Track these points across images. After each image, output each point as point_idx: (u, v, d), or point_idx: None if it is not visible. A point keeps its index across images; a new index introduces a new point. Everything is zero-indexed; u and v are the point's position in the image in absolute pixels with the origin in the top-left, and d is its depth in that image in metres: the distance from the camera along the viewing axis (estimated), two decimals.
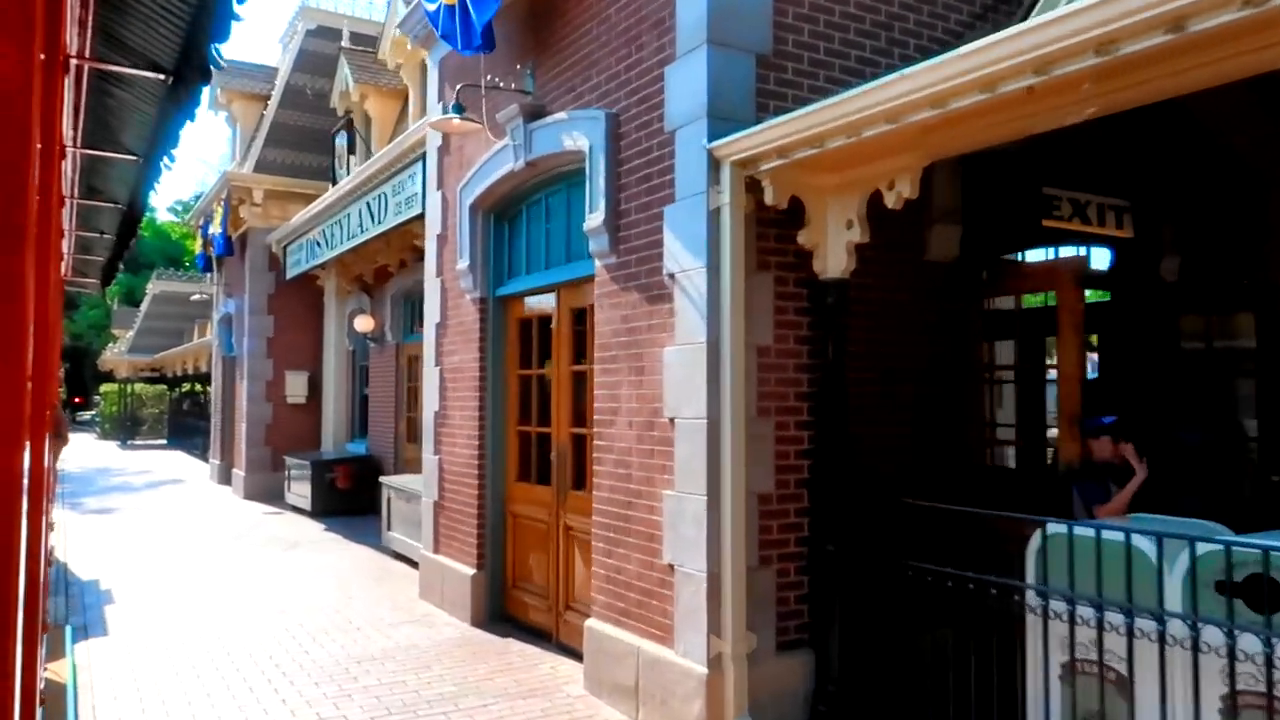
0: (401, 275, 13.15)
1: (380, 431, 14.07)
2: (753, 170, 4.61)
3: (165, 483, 18.93)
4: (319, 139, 16.89)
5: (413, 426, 13.17)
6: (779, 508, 4.79)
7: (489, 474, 7.18)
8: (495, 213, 7.26)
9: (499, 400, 7.22)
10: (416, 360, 13.05)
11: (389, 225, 10.48)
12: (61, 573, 9.47)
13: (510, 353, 7.21)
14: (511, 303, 7.18)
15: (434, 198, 8.13)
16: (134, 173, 5.15)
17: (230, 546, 10.92)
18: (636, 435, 5.20)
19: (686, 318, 4.80)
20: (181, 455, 27.16)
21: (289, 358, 16.35)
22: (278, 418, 16.25)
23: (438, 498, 7.86)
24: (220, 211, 15.94)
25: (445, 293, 7.87)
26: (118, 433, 34.46)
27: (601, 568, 5.52)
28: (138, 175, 5.20)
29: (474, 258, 7.24)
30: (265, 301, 16.24)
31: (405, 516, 9.85)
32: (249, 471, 15.95)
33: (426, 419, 8.14)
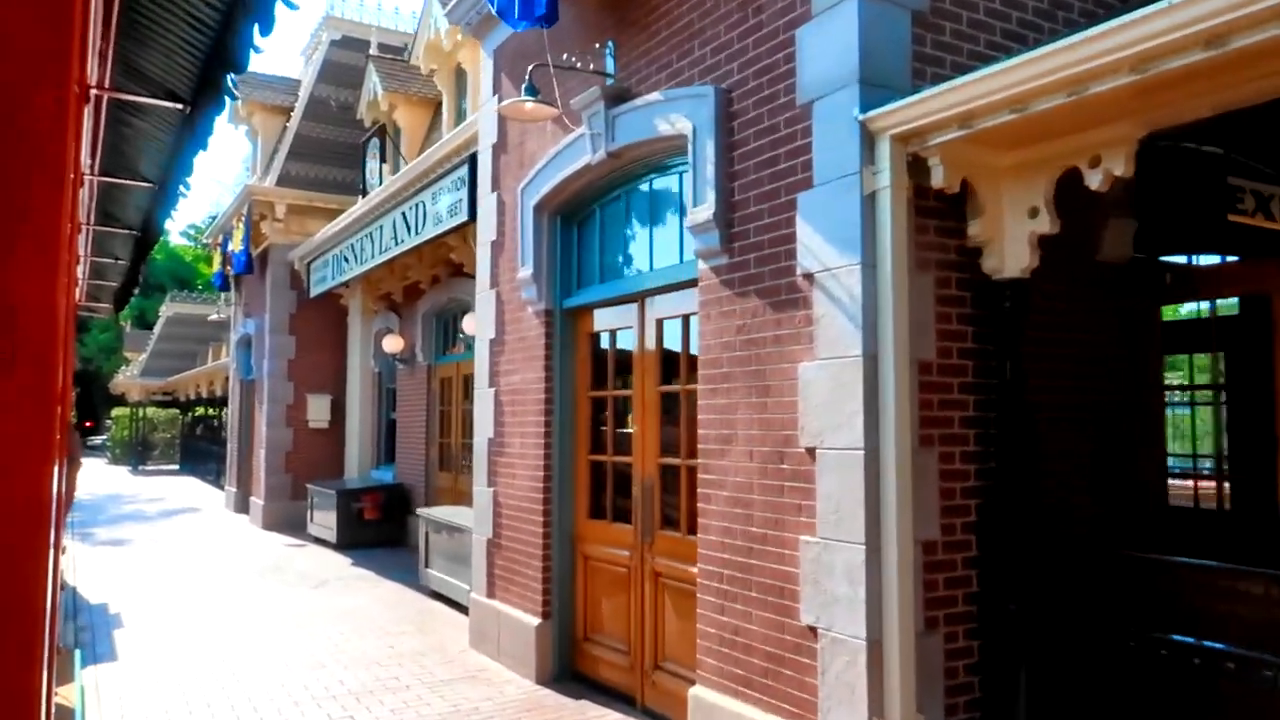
0: (434, 292, 12.37)
1: (409, 458, 13.22)
2: (917, 146, 3.78)
3: (180, 511, 18.10)
4: (344, 152, 16.20)
5: (445, 453, 12.34)
6: (944, 558, 3.92)
7: (555, 510, 6.33)
8: (563, 214, 6.45)
9: (567, 426, 6.38)
10: (449, 383, 12.24)
11: (428, 236, 9.69)
12: (71, 597, 9.15)
13: (580, 371, 6.37)
14: (581, 315, 6.36)
15: (487, 201, 7.34)
16: (149, 199, 5.09)
17: (254, 585, 10.05)
18: (759, 468, 4.35)
19: (832, 326, 3.96)
20: (194, 481, 26.35)
21: (310, 380, 15.56)
22: (298, 443, 15.43)
23: (492, 535, 7.00)
24: (240, 228, 15.22)
25: (502, 305, 7.05)
26: (129, 458, 33.69)
27: (711, 625, 4.65)
28: (152, 202, 5.13)
29: (538, 265, 6.43)
30: (286, 321, 15.47)
31: (446, 552, 8.98)
32: (268, 500, 15.11)
33: (478, 446, 7.30)
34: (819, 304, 4.03)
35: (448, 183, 9.21)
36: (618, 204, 5.99)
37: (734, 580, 4.49)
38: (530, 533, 6.44)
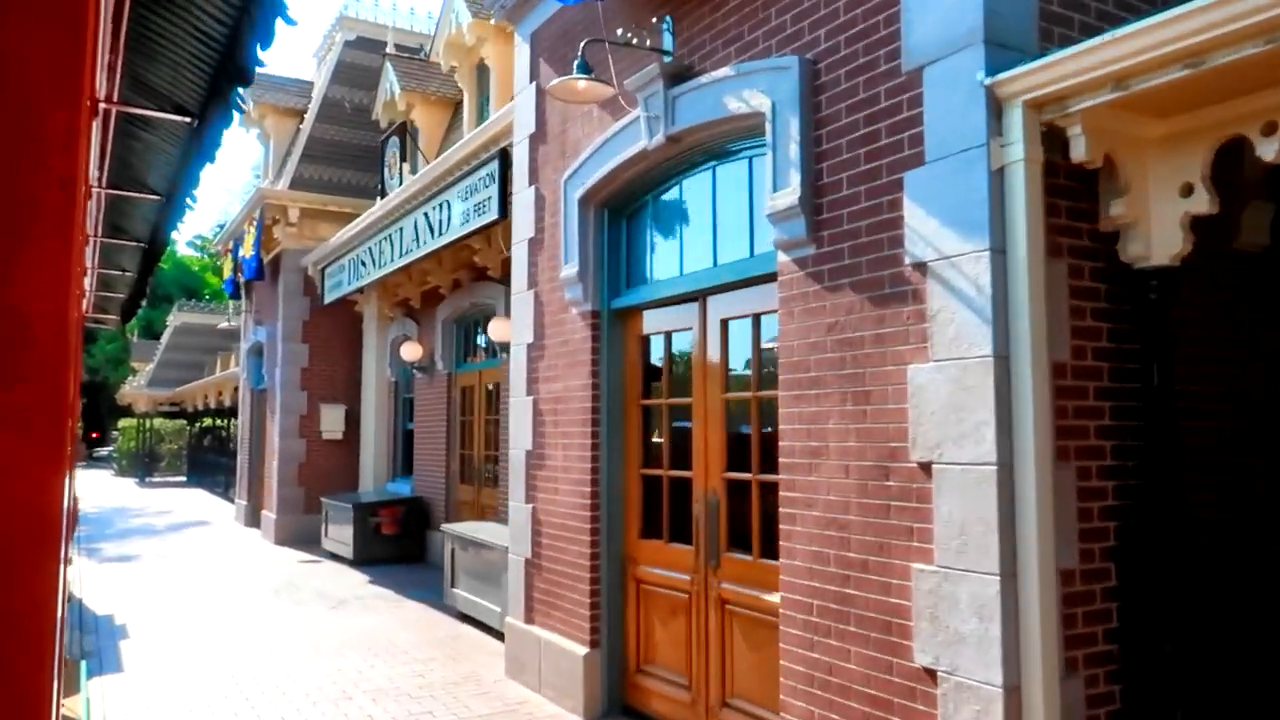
0: (455, 297, 11.88)
1: (428, 470, 12.71)
2: (1054, 114, 3.28)
3: (189, 525, 17.60)
4: (358, 155, 15.76)
5: (466, 465, 11.83)
6: (1082, 589, 3.39)
7: (604, 528, 5.81)
8: (611, 207, 5.96)
9: (616, 437, 5.86)
10: (471, 392, 11.74)
11: (454, 237, 9.21)
12: (78, 611, 8.94)
13: (630, 378, 5.87)
14: (631, 317, 5.85)
15: (524, 196, 6.85)
16: (156, 211, 5.09)
17: (268, 605, 9.54)
18: (857, 485, 3.83)
19: (951, 323, 3.45)
20: (202, 494, 25.86)
21: (324, 390, 15.08)
22: (311, 455, 14.94)
23: (531, 555, 6.48)
24: (252, 232, 14.76)
25: (541, 307, 6.55)
26: (135, 469, 33.23)
27: (797, 662, 4.12)
28: (159, 214, 5.15)
29: (584, 263, 5.93)
30: (299, 329, 14.99)
31: (474, 571, 8.45)
32: (280, 514, 14.60)
33: (514, 459, 6.79)
34: (934, 297, 3.52)
35: (475, 180, 8.72)
36: (673, 194, 5.49)
37: (826, 612, 3.97)
38: (576, 553, 5.92)
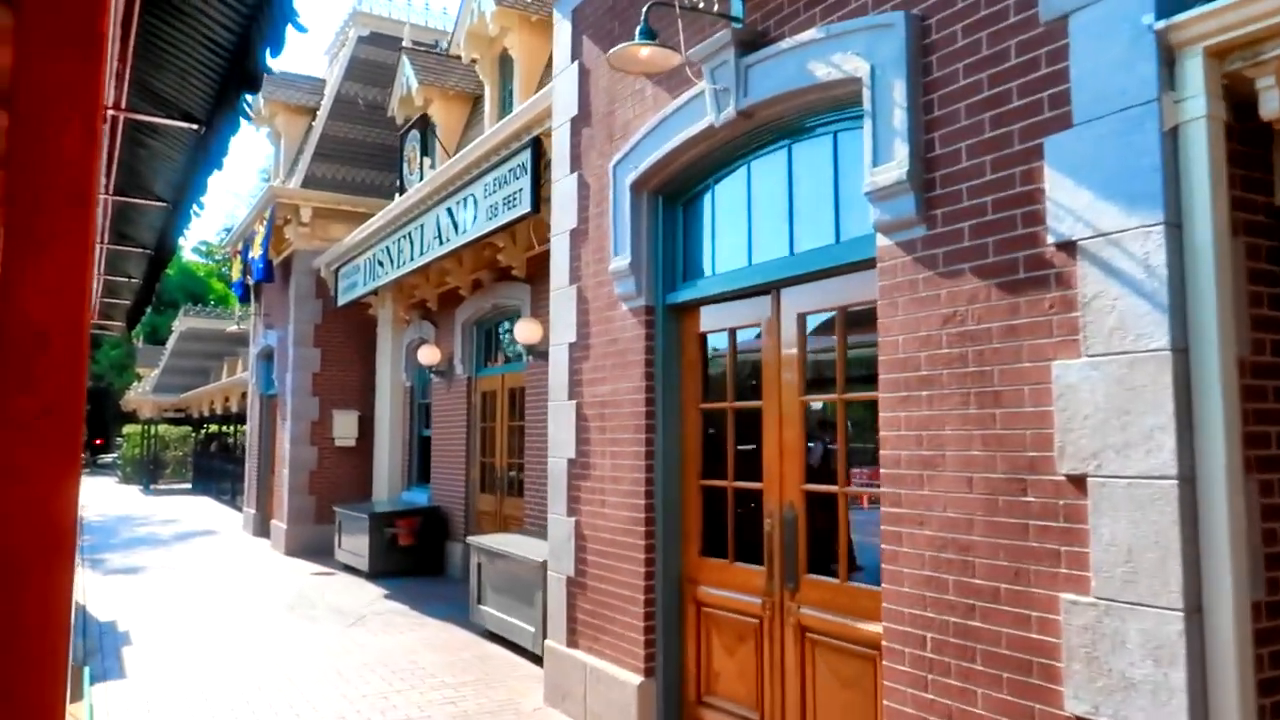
0: (475, 298, 11.38)
1: (446, 479, 12.20)
2: (1243, 62, 2.77)
3: (196, 534, 17.09)
4: (373, 153, 15.30)
5: (487, 474, 11.32)
6: (1268, 625, 2.87)
7: (660, 545, 5.29)
8: (667, 193, 5.46)
9: (673, 444, 5.35)
10: (492, 397, 11.23)
11: (481, 232, 8.71)
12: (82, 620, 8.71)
13: (688, 380, 5.35)
14: (689, 313, 5.35)
15: (565, 184, 6.35)
16: (162, 218, 5.05)
17: (282, 621, 9.02)
18: (984, 500, 3.31)
19: (1113, 310, 2.93)
20: (208, 502, 25.36)
21: (336, 395, 14.58)
22: (323, 463, 14.43)
23: (574, 573, 5.96)
24: (262, 232, 14.28)
25: (585, 304, 6.05)
26: (140, 476, 32.76)
27: (906, 702, 3.59)
28: (166, 220, 5.09)
29: (637, 254, 5.42)
30: (311, 332, 14.50)
31: (503, 587, 7.93)
32: (291, 524, 14.09)
33: (554, 469, 6.28)
34: (1087, 281, 3.01)
35: (503, 172, 8.23)
36: (741, 177, 4.99)
37: (944, 647, 3.44)
38: (628, 572, 5.40)
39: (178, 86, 3.37)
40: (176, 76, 3.28)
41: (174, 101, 3.49)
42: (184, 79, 3.27)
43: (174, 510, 22.54)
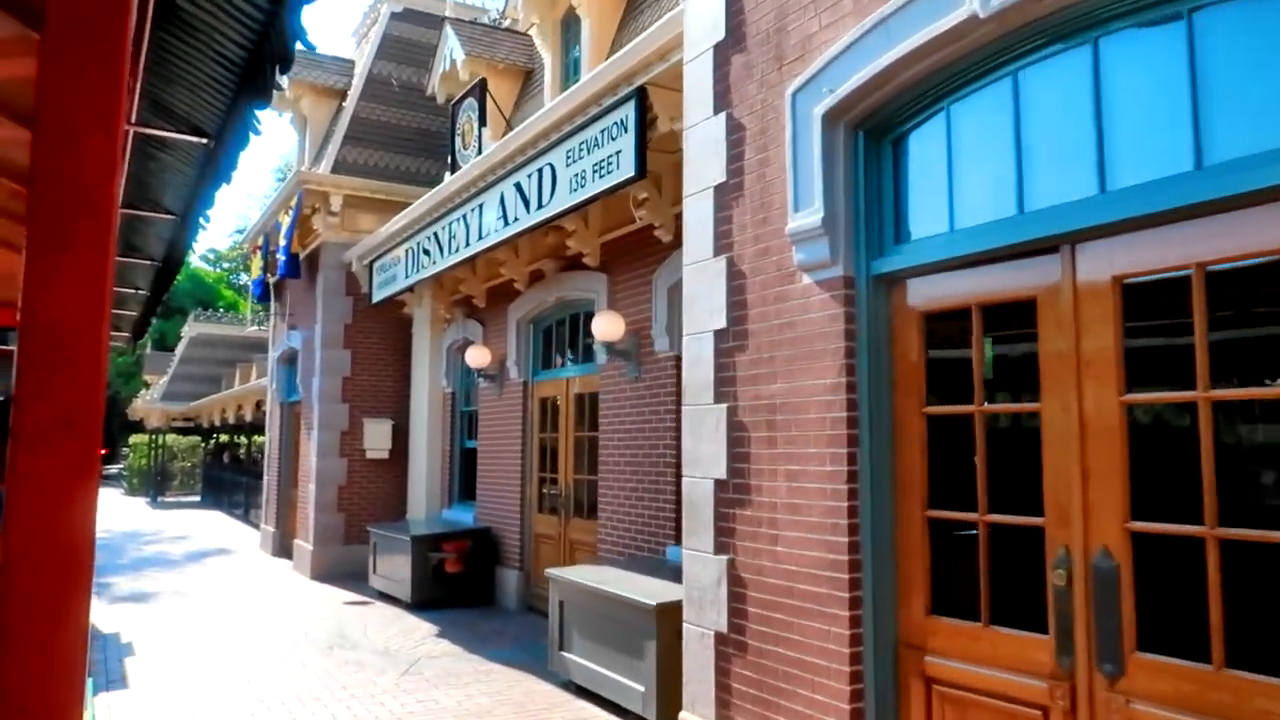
0: (535, 292, 10.04)
1: (496, 497, 10.83)
2: None
3: (209, 553, 15.71)
4: (408, 138, 14.00)
5: (548, 491, 9.94)
6: None
7: (869, 597, 3.91)
8: (871, 126, 4.11)
9: (883, 461, 3.98)
10: (553, 404, 9.88)
11: (565, 207, 7.35)
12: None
13: (906, 375, 3.98)
14: (902, 285, 3.99)
15: (704, 130, 4.99)
16: (170, 230, 5.08)
17: (323, 669, 7.64)
18: None
19: None
20: (219, 516, 24.00)
21: (368, 402, 13.23)
22: (353, 477, 13.07)
23: (725, 628, 4.58)
24: (288, 223, 12.96)
25: (739, 279, 4.68)
26: (147, 488, 31.42)
27: None
28: (174, 233, 5.15)
29: (832, 207, 4.07)
30: (340, 333, 13.16)
31: (596, 632, 6.54)
32: (318, 544, 12.71)
33: (692, 492, 4.90)
34: None
35: (593, 134, 6.89)
36: (1002, 91, 3.63)
37: None
38: (817, 632, 4.02)
39: (188, 101, 3.36)
40: (187, 91, 3.26)
41: (184, 116, 3.49)
42: (194, 93, 3.26)
43: (184, 525, 21.17)
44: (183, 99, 3.32)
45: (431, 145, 14.10)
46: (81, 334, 1.36)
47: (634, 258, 8.30)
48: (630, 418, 8.17)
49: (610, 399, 8.48)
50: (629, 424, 8.18)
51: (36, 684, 1.31)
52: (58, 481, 1.35)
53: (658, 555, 7.65)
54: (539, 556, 10.02)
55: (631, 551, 8.03)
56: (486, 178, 8.82)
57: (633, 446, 8.11)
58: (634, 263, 8.31)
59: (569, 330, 9.82)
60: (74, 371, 1.35)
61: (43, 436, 1.32)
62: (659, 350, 7.79)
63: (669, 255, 7.76)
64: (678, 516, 7.51)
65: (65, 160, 1.38)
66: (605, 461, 8.52)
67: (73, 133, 1.39)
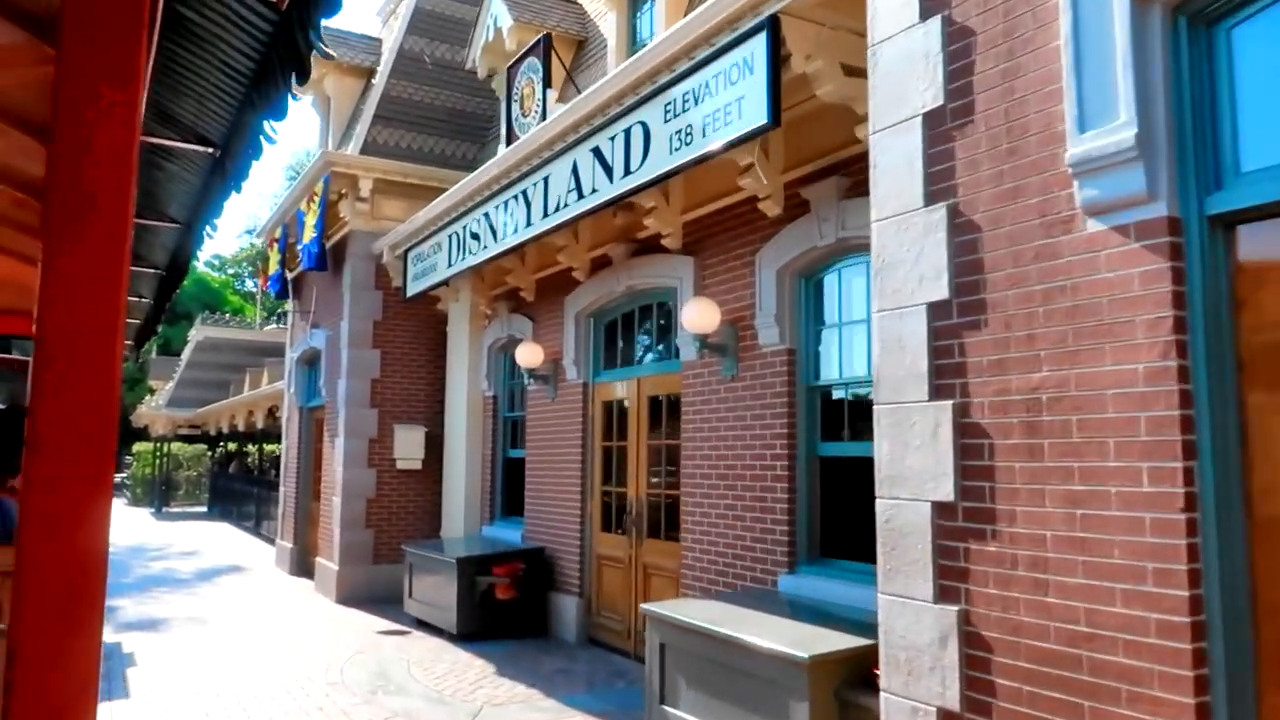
0: (599, 280, 8.86)
1: (549, 513, 9.63)
2: None
3: (221, 571, 14.51)
4: (442, 118, 12.85)
5: (613, 507, 8.76)
6: None
7: (1219, 677, 2.71)
8: (1198, 9, 2.92)
9: (1231, 480, 2.78)
10: (619, 408, 8.70)
11: (661, 171, 6.16)
12: None
13: (1265, 356, 2.79)
14: (1233, 233, 2.80)
15: (906, 43, 3.81)
16: (175, 238, 4.96)
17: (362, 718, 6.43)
18: None
19: None
20: (228, 528, 22.80)
21: (399, 407, 12.04)
22: (382, 489, 11.87)
23: (959, 705, 3.37)
24: (314, 211, 11.79)
25: (970, 231, 3.49)
26: (151, 498, 30.23)
27: None
28: (179, 241, 5.02)
29: (1148, 120, 2.88)
30: (369, 331, 11.98)
31: (716, 689, 5.32)
32: (344, 564, 11.50)
33: (894, 519, 3.70)
34: None
35: (704, 79, 5.72)
36: None
37: None
38: (1122, 715, 2.82)
39: (195, 111, 3.32)
40: (194, 101, 3.24)
41: (190, 125, 3.45)
42: (201, 103, 3.23)
43: (192, 539, 19.96)
44: (189, 109, 3.29)
45: (467, 127, 12.96)
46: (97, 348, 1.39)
47: (729, 237, 7.12)
48: (725, 422, 6.98)
49: (698, 401, 7.29)
50: (723, 429, 6.99)
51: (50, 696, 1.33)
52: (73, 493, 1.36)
53: (766, 586, 6.46)
54: (601, 581, 8.82)
55: (727, 581, 6.83)
56: (555, 145, 7.64)
57: (728, 456, 6.92)
58: (729, 243, 7.13)
59: (641, 324, 8.64)
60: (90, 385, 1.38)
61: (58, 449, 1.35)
62: (765, 344, 6.61)
63: (776, 232, 6.59)
64: (792, 539, 6.32)
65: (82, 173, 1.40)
66: (690, 473, 7.33)
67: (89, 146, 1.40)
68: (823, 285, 6.47)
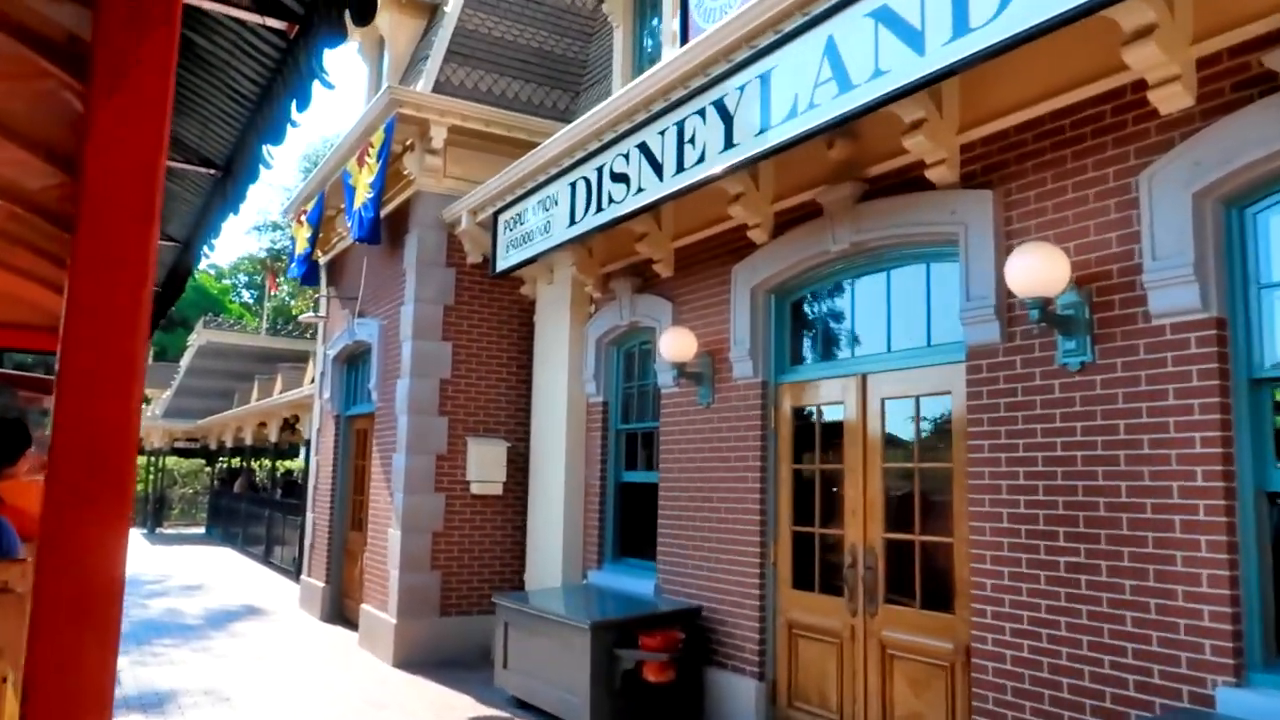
0: (788, 243, 6.40)
1: (700, 560, 7.10)
2: None
3: (237, 614, 11.89)
4: (527, 60, 10.43)
5: (815, 556, 6.25)
6: None
7: None
8: None
9: None
10: (824, 416, 6.23)
11: (1004, 38, 3.72)
12: None
13: None
14: None
15: None
16: (173, 256, 4.84)
17: None
18: None
19: None
20: (231, 555, 20.16)
21: (473, 416, 9.54)
22: (451, 520, 9.34)
23: None
24: (373, 166, 9.30)
25: None
26: (143, 517, 27.52)
27: None
28: (176, 259, 4.90)
29: None
30: (440, 319, 9.49)
31: None
32: (404, 615, 8.95)
33: None
34: None
35: None
36: None
37: None
38: None
39: (200, 134, 3.35)
40: (199, 124, 3.27)
41: (195, 148, 3.48)
42: (206, 126, 3.26)
43: (193, 567, 17.32)
44: (194, 131, 3.36)
45: (557, 71, 10.54)
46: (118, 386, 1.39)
47: (1074, 155, 4.67)
48: (1067, 434, 4.51)
49: (1001, 402, 4.82)
50: (1064, 443, 4.52)
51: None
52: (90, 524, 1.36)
53: (1181, 704, 3.96)
54: (797, 660, 6.30)
55: (1087, 688, 4.32)
56: (757, 39, 5.18)
57: (1066, 482, 4.46)
58: (1069, 163, 4.68)
59: (871, 297, 6.15)
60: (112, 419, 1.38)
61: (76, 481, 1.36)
62: (1162, 309, 4.16)
63: (1188, 138, 4.14)
64: (1236, 622, 3.84)
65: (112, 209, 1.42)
66: (983, 511, 4.85)
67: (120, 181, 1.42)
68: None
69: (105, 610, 1.36)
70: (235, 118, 3.06)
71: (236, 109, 2.99)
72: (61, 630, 1.32)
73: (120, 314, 1.40)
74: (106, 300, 1.40)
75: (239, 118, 3.04)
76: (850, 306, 6.28)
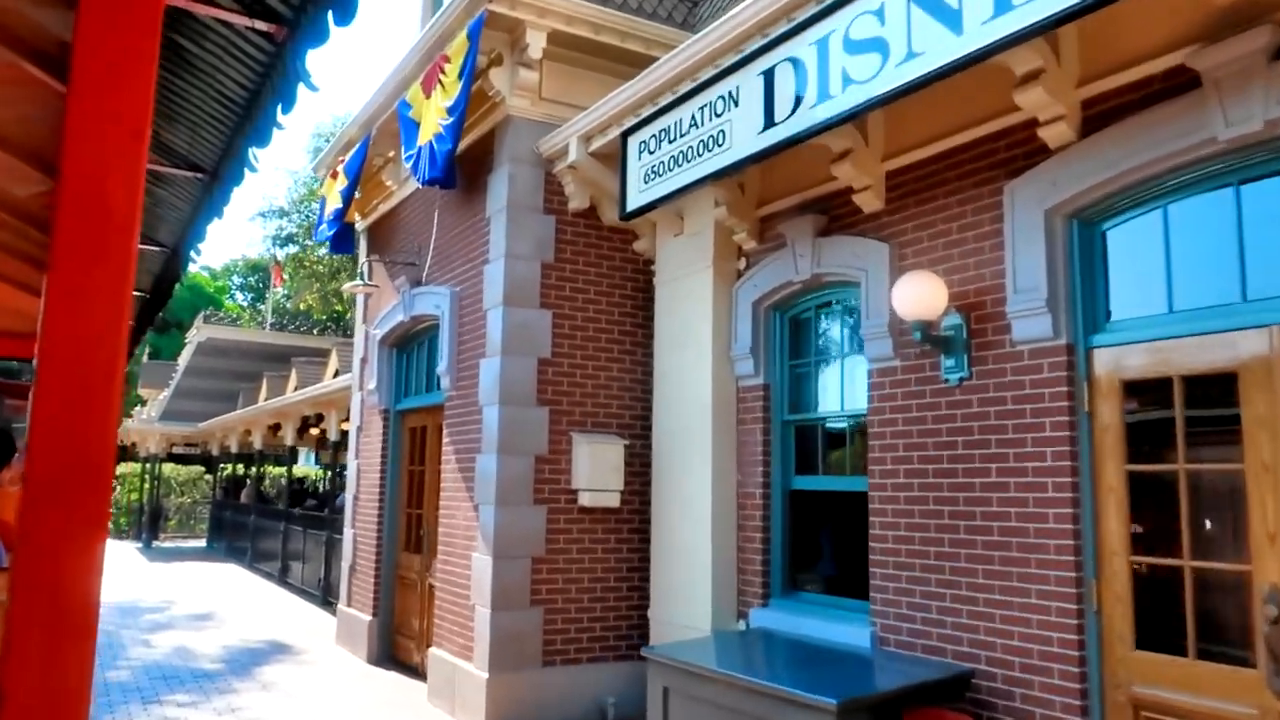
0: (1111, 141, 4.28)
1: (955, 599, 4.98)
2: None
3: (261, 653, 9.71)
4: None
5: (1148, 599, 4.14)
6: None
7: None
8: None
9: None
10: (1197, 395, 4.09)
11: None
12: None
13: None
14: None
15: None
16: (160, 262, 4.95)
17: None
18: None
19: None
20: (238, 572, 17.97)
21: (579, 407, 7.43)
22: (554, 541, 7.20)
23: None
24: (455, 82, 7.17)
25: None
26: (138, 529, 25.27)
27: None
28: (164, 265, 5.01)
29: None
30: (537, 280, 7.37)
31: None
32: (498, 668, 6.80)
33: None
34: None
35: None
36: None
37: None
38: None
39: (188, 139, 3.31)
40: (187, 129, 3.25)
41: (184, 154, 3.45)
42: (194, 130, 3.24)
43: (199, 589, 15.12)
44: (183, 137, 3.25)
45: None
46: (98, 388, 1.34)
47: None
48: None
49: None
50: None
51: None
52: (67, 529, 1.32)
53: None
54: None
55: None
56: None
57: None
58: None
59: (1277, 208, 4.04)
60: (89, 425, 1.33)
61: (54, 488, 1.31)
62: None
63: None
64: None
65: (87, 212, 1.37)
66: None
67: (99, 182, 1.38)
68: None
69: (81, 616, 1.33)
70: (223, 121, 3.07)
71: (224, 113, 3.00)
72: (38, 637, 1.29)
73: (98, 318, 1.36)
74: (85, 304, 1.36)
75: (226, 121, 3.05)
76: (1235, 225, 4.18)
